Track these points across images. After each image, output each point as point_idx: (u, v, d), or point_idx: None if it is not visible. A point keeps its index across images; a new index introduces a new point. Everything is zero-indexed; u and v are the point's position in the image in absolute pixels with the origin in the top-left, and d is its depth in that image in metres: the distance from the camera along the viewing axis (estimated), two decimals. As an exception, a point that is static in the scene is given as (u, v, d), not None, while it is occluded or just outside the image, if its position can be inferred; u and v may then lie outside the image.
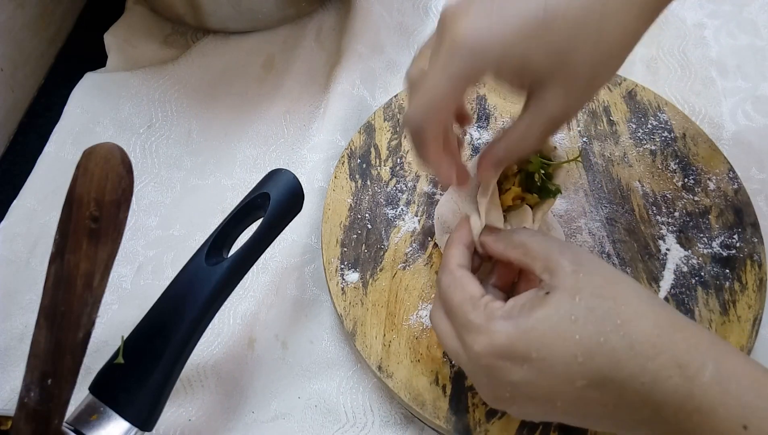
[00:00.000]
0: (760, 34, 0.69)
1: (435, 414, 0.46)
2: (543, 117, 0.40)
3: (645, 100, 0.61)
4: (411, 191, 0.57)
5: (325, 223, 0.55)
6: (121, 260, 0.56)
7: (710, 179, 0.56)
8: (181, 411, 0.49)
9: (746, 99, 0.64)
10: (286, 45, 0.71)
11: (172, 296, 0.42)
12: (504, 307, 0.37)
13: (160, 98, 0.67)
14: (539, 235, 0.41)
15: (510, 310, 0.37)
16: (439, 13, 0.76)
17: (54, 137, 0.64)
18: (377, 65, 0.69)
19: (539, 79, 0.38)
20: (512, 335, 0.35)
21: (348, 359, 0.52)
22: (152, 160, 0.63)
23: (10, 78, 0.67)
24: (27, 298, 0.55)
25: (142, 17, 0.72)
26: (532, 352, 0.35)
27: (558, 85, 0.38)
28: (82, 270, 0.32)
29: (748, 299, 0.50)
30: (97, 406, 0.39)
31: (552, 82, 0.38)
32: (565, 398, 0.35)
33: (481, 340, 0.36)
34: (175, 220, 0.60)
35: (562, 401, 0.35)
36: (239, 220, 0.45)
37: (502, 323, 0.36)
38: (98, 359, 0.43)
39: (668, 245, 0.53)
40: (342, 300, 0.51)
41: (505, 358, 0.35)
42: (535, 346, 0.35)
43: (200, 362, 0.51)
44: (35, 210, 0.59)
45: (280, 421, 0.49)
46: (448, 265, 0.41)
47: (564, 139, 0.59)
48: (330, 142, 0.62)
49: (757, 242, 0.52)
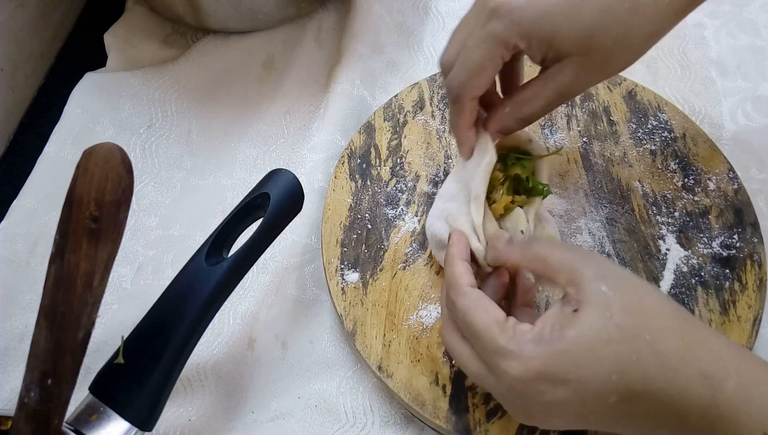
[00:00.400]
0: (760, 34, 0.69)
1: (435, 414, 0.46)
2: (551, 85, 0.42)
3: (645, 100, 0.61)
4: (411, 191, 0.57)
5: (325, 223, 0.55)
6: (121, 260, 0.56)
7: (710, 179, 0.56)
8: (181, 411, 0.49)
9: (746, 99, 0.64)
10: (286, 45, 0.71)
11: (172, 296, 0.42)
12: (534, 330, 0.36)
13: (160, 98, 0.67)
14: (558, 245, 0.41)
15: (540, 332, 0.36)
16: (439, 13, 0.76)
17: (54, 137, 0.64)
18: (377, 65, 0.69)
19: (562, 53, 0.41)
20: (547, 359, 0.35)
21: (348, 359, 0.52)
22: (152, 160, 0.63)
23: (10, 78, 0.67)
24: (27, 298, 0.55)
25: (142, 17, 0.72)
26: (568, 375, 0.35)
27: (575, 61, 0.41)
28: (82, 270, 0.32)
29: (748, 299, 0.50)
30: (97, 406, 0.39)
31: (570, 57, 0.41)
32: (597, 413, 0.35)
33: (515, 365, 0.36)
34: (175, 220, 0.60)
35: (594, 416, 0.36)
36: (239, 220, 0.45)
37: (535, 347, 0.35)
38: (98, 359, 0.43)
39: (668, 245, 0.53)
40: (342, 300, 0.51)
41: (542, 381, 0.35)
42: (570, 368, 0.35)
43: (200, 362, 0.51)
44: (35, 210, 0.59)
45: (280, 421, 0.49)
46: (460, 287, 0.40)
47: (564, 139, 0.59)
48: (330, 142, 0.62)
49: (757, 242, 0.52)
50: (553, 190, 0.56)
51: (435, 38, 0.71)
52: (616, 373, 0.34)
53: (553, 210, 0.54)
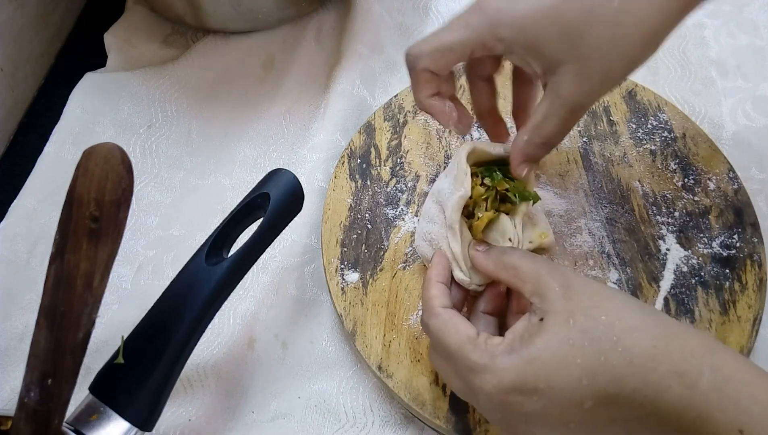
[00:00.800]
0: (760, 34, 0.69)
1: (435, 414, 0.46)
2: (557, 101, 0.41)
3: (645, 100, 0.61)
4: (411, 191, 0.57)
5: (325, 223, 0.55)
6: (121, 260, 0.56)
7: (710, 179, 0.56)
8: (181, 411, 0.49)
9: (746, 99, 0.64)
10: (286, 45, 0.71)
11: (172, 296, 0.42)
12: (504, 342, 0.37)
13: (160, 98, 0.67)
14: (529, 256, 0.41)
15: (510, 343, 0.36)
16: (439, 13, 0.76)
17: (54, 137, 0.64)
18: (377, 65, 0.69)
19: (553, 62, 0.39)
20: (519, 369, 0.35)
21: (348, 359, 0.52)
22: (152, 160, 0.63)
23: (10, 78, 0.67)
24: (27, 298, 0.55)
25: (142, 17, 0.72)
26: (539, 383, 0.35)
27: (570, 69, 0.39)
28: (82, 270, 0.32)
29: (748, 299, 0.50)
30: (97, 406, 0.39)
31: (564, 65, 0.39)
32: (577, 420, 0.35)
33: (489, 379, 0.36)
34: (175, 220, 0.60)
35: (575, 423, 0.35)
36: (239, 220, 0.45)
37: (506, 359, 0.36)
38: (98, 359, 0.43)
39: (668, 245, 0.53)
40: (342, 300, 0.51)
41: (516, 392, 0.35)
42: (541, 377, 0.35)
43: (200, 362, 0.51)
44: (35, 210, 0.59)
45: (280, 421, 0.49)
46: (432, 309, 0.41)
47: (564, 138, 0.59)
48: (330, 142, 0.62)
49: (757, 242, 0.52)
50: (553, 190, 0.56)
51: (435, 38, 0.71)
52: (587, 377, 0.34)
53: (553, 210, 0.54)
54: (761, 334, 0.49)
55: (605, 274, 0.52)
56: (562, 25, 0.38)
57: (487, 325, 0.43)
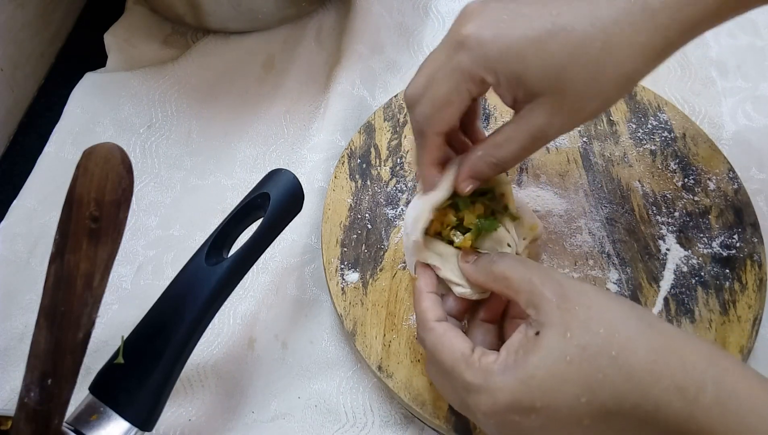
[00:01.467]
0: (760, 34, 0.69)
1: (435, 414, 0.46)
2: (524, 127, 0.40)
3: (645, 100, 0.61)
4: (411, 191, 0.57)
5: (325, 223, 0.55)
6: (121, 260, 0.56)
7: (710, 179, 0.56)
8: (181, 411, 0.49)
9: (746, 99, 0.64)
10: (286, 45, 0.71)
11: (172, 296, 0.42)
12: (498, 359, 0.36)
13: (160, 98, 0.67)
14: (519, 263, 0.40)
15: (505, 360, 0.36)
16: (439, 13, 0.76)
17: (54, 137, 0.64)
18: (377, 65, 0.69)
19: (532, 92, 0.39)
20: (514, 389, 0.35)
21: (348, 359, 0.52)
22: (152, 160, 0.63)
23: (10, 78, 0.67)
24: (27, 298, 0.55)
25: (142, 17, 0.72)
26: (536, 402, 0.34)
27: (546, 102, 0.39)
28: (82, 270, 0.32)
29: (748, 299, 0.50)
30: (97, 406, 0.39)
31: (541, 97, 0.39)
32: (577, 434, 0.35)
33: (484, 399, 0.35)
34: (175, 220, 0.60)
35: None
36: (239, 220, 0.45)
37: (500, 379, 0.35)
38: (98, 359, 0.43)
39: (668, 245, 0.53)
40: (342, 300, 0.51)
41: (512, 412, 0.35)
42: (537, 396, 0.34)
43: (200, 362, 0.51)
44: (35, 210, 0.59)
45: (280, 421, 0.49)
46: (426, 323, 0.40)
47: (564, 138, 0.59)
48: (330, 142, 0.62)
49: (757, 242, 0.52)
50: (553, 190, 0.56)
51: (435, 38, 0.71)
52: (585, 395, 0.33)
53: (553, 210, 0.55)
54: (761, 334, 0.49)
55: (605, 273, 0.52)
56: (546, 58, 0.37)
57: (486, 333, 0.43)
